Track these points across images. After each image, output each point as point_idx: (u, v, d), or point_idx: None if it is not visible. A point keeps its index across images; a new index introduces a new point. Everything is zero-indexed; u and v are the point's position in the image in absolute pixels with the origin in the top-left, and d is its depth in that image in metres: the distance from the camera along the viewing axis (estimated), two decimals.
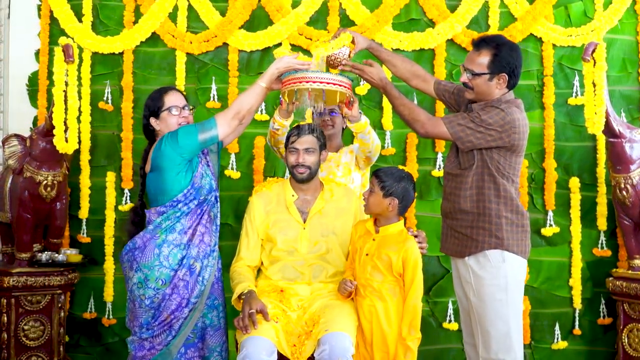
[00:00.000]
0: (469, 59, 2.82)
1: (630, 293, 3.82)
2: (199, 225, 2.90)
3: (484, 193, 2.80)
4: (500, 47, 2.78)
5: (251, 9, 4.25)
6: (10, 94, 4.39)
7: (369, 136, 3.26)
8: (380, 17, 4.18)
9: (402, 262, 2.71)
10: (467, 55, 2.87)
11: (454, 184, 2.88)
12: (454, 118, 2.83)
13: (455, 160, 2.89)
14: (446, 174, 2.96)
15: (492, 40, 2.81)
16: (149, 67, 4.32)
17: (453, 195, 2.87)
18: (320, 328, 2.66)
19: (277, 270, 2.93)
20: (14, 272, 3.78)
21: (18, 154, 3.90)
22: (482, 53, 2.78)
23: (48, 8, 4.28)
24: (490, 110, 2.77)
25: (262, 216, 2.98)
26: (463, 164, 2.85)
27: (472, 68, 2.79)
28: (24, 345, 3.81)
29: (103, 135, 4.29)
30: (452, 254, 2.93)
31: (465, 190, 2.82)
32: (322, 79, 2.80)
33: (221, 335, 2.93)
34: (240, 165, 4.25)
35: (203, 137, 2.80)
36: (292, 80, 2.85)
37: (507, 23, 4.23)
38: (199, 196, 2.88)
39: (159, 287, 2.81)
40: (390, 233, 2.79)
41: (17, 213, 3.87)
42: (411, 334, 2.67)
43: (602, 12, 4.19)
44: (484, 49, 2.78)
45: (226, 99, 4.24)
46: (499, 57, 2.76)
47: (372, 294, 2.74)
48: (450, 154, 2.94)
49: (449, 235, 2.92)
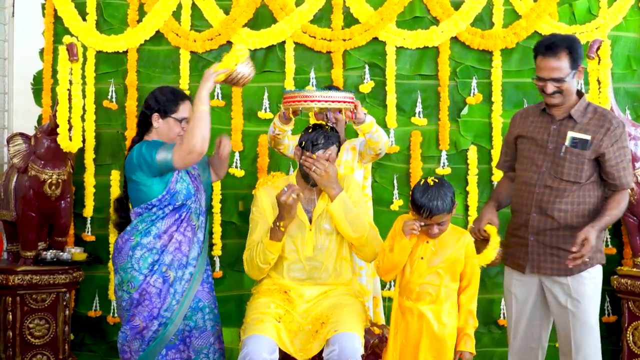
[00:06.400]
0: (548, 68, 2.74)
1: (635, 291, 3.82)
2: (176, 232, 2.85)
3: (591, 204, 2.77)
4: (571, 42, 2.76)
5: (255, 7, 4.24)
6: (15, 93, 4.41)
7: (377, 134, 3.22)
8: (384, 15, 4.18)
9: (464, 258, 2.64)
10: (541, 65, 2.77)
11: (558, 195, 2.78)
12: (626, 166, 2.77)
13: (572, 173, 2.76)
14: (546, 186, 2.80)
15: (561, 40, 2.76)
16: (153, 66, 4.32)
17: (557, 209, 2.77)
18: (329, 328, 2.64)
19: (282, 270, 2.91)
20: (19, 271, 3.79)
21: (23, 153, 3.90)
22: (560, 57, 2.72)
23: (52, 7, 4.29)
24: (623, 130, 2.77)
25: (270, 209, 2.94)
26: (581, 177, 2.76)
27: (559, 76, 2.73)
28: (29, 343, 3.82)
29: (107, 134, 4.30)
30: (549, 273, 2.82)
31: (573, 204, 2.76)
32: (326, 97, 2.83)
33: (208, 337, 2.87)
34: (244, 163, 4.25)
35: (160, 157, 2.75)
36: (296, 98, 2.86)
37: (511, 20, 4.22)
38: (174, 201, 2.84)
39: (130, 291, 2.80)
40: (465, 237, 2.70)
41: (22, 211, 3.88)
42: (469, 323, 2.63)
43: (606, 10, 4.18)
44: (560, 52, 2.73)
45: (230, 98, 4.24)
46: (575, 52, 2.74)
47: (425, 298, 2.61)
48: (561, 165, 2.79)
49: (544, 253, 2.81)
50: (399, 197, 4.19)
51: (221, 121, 4.26)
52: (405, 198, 4.20)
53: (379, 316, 3.42)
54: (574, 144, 2.75)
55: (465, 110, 4.23)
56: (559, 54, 2.72)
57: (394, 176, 4.21)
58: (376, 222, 4.06)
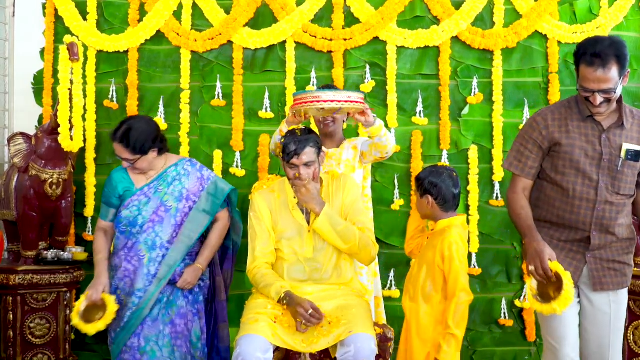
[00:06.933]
0: (597, 80, 2.49)
1: (635, 290, 3.81)
2: (125, 258, 3.07)
3: (631, 212, 2.72)
4: (620, 48, 2.52)
5: (256, 7, 4.24)
6: (16, 93, 4.41)
7: (385, 138, 3.18)
8: (384, 15, 4.18)
9: (440, 256, 2.65)
10: (589, 76, 2.51)
11: (618, 211, 2.64)
12: None
13: (629, 187, 2.65)
14: (606, 202, 2.64)
15: (608, 47, 2.50)
16: (154, 65, 4.32)
17: (618, 225, 2.64)
18: (343, 329, 2.65)
19: (283, 272, 2.91)
20: (19, 270, 3.78)
21: (24, 152, 3.90)
22: (610, 67, 2.48)
23: (53, 6, 4.29)
24: None
25: (268, 213, 2.95)
26: (633, 189, 2.68)
27: (609, 87, 2.50)
28: (30, 343, 3.81)
29: (108, 134, 4.27)
30: (612, 288, 2.69)
31: (627, 216, 2.68)
32: (338, 97, 2.81)
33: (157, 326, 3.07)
34: (245, 163, 4.25)
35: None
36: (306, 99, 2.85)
37: (512, 20, 4.22)
38: (119, 225, 3.08)
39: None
40: (437, 230, 2.75)
41: (22, 211, 3.88)
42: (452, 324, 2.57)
43: (607, 9, 4.18)
44: (609, 61, 2.48)
45: (231, 97, 4.24)
46: (624, 58, 2.52)
47: (416, 294, 2.70)
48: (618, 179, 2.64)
49: (602, 269, 2.68)
50: (399, 196, 4.19)
51: (222, 120, 4.26)
52: (406, 198, 4.20)
53: (381, 316, 3.42)
54: (629, 157, 2.59)
55: (466, 109, 4.23)
56: (609, 64, 2.47)
57: (394, 176, 4.21)
58: (377, 222, 4.08)
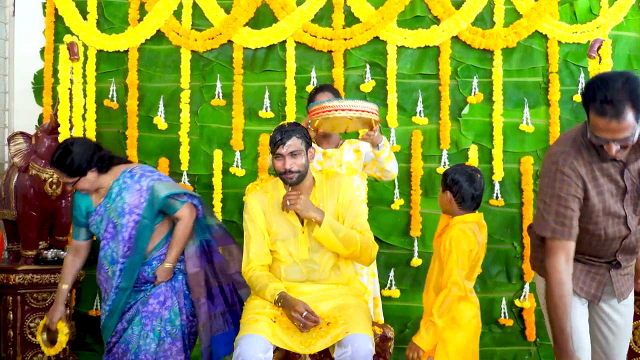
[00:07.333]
0: (611, 130, 2.20)
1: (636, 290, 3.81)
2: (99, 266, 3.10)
3: None
4: (633, 89, 2.19)
5: (256, 7, 4.25)
6: (16, 92, 4.41)
7: (387, 163, 3.19)
8: (385, 14, 4.18)
9: (443, 250, 2.69)
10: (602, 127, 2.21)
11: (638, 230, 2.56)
12: None
13: None
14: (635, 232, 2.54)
15: (618, 91, 2.18)
16: (154, 65, 4.33)
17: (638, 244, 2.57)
18: (340, 330, 2.63)
19: (280, 273, 2.89)
20: (19, 270, 3.78)
21: (23, 152, 3.90)
22: (626, 116, 2.17)
23: (53, 6, 4.30)
24: None
25: (262, 215, 2.93)
26: None
27: (625, 136, 2.20)
28: (30, 342, 3.81)
29: (108, 133, 4.30)
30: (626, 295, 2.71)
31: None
32: (356, 107, 2.85)
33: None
34: (246, 162, 4.25)
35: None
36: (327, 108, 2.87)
37: (512, 20, 4.22)
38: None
39: None
40: (451, 225, 2.77)
41: (22, 211, 3.88)
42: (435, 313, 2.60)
43: (607, 9, 4.18)
44: (623, 109, 2.17)
45: (231, 97, 4.25)
46: (638, 101, 2.20)
47: (429, 288, 2.75)
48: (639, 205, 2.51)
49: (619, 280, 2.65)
50: (399, 196, 4.19)
51: (222, 120, 4.27)
52: (406, 197, 4.20)
53: (379, 316, 3.41)
54: None
55: (466, 109, 4.23)
56: (623, 112, 2.16)
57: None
58: (377, 221, 4.09)
